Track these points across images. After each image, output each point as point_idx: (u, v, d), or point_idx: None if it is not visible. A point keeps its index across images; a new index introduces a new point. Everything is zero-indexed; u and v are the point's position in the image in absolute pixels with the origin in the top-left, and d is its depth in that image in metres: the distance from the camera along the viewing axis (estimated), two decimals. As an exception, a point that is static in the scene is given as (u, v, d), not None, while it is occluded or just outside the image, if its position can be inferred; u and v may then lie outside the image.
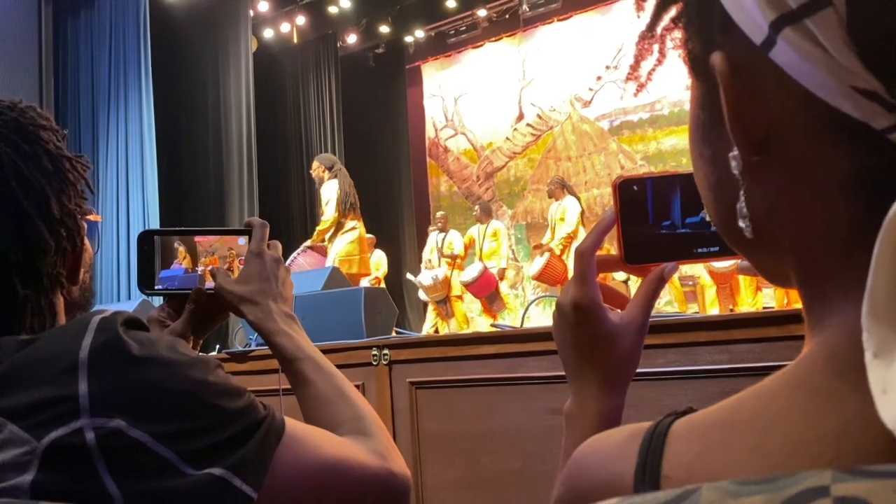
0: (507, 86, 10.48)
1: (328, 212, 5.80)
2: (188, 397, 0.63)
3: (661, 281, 0.59)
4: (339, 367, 0.92)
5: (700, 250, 0.57)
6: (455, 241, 8.43)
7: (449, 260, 8.23)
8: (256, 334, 3.34)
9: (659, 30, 0.40)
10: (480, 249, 8.15)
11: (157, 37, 7.56)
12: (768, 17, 0.32)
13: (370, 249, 8.12)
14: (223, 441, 0.64)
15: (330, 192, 5.83)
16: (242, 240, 0.96)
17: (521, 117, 10.43)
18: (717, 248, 0.56)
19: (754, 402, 0.34)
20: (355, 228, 5.83)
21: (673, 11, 0.40)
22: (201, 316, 0.94)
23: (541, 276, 7.50)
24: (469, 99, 10.88)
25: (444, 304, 8.12)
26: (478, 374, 2.20)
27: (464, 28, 10.62)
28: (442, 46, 10.96)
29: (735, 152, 0.36)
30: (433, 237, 8.52)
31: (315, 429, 0.75)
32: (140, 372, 0.62)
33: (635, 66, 0.42)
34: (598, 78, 9.74)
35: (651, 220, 0.57)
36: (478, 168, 10.83)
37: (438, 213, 8.71)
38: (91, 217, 0.81)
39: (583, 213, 7.63)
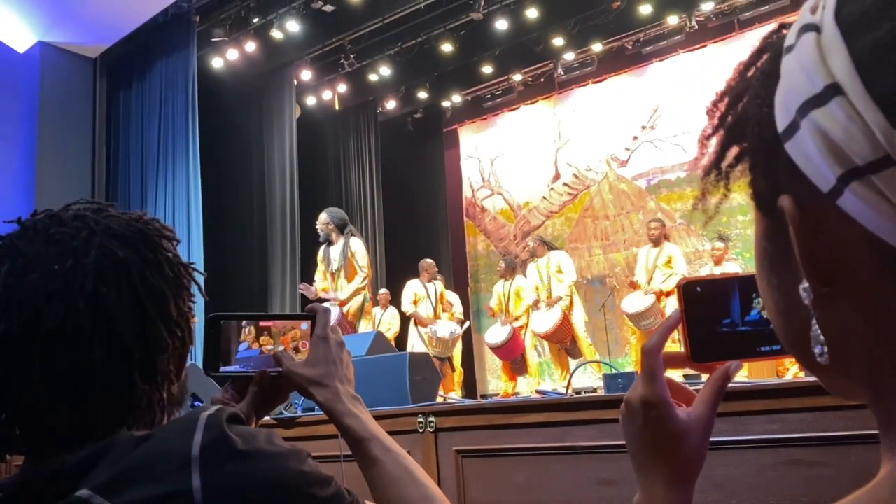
0: (543, 146, 10.60)
1: (364, 268, 5.81)
2: (287, 488, 0.69)
3: (727, 379, 0.62)
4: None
5: (763, 348, 0.59)
6: (448, 293, 8.08)
7: (451, 317, 7.87)
8: (301, 400, 3.33)
9: (723, 166, 0.44)
10: (506, 307, 7.87)
11: (204, 105, 7.85)
12: (835, 172, 0.35)
13: (384, 306, 8.09)
14: None
15: (359, 247, 5.85)
16: (305, 324, 1.00)
17: (557, 177, 10.50)
18: (779, 347, 0.58)
19: None
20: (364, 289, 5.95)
21: (735, 150, 0.43)
22: (263, 397, 0.98)
23: (552, 335, 7.25)
24: (505, 160, 11.01)
25: (445, 360, 7.67)
26: (525, 442, 2.18)
27: (500, 92, 10.82)
28: (478, 110, 11.17)
29: (805, 284, 0.39)
30: (415, 285, 7.95)
31: None
32: (245, 465, 0.67)
33: (702, 198, 0.45)
34: (635, 138, 9.81)
35: (715, 319, 0.60)
36: (515, 227, 10.88)
37: (427, 261, 8.15)
38: None
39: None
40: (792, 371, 5.90)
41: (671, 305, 6.97)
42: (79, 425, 0.71)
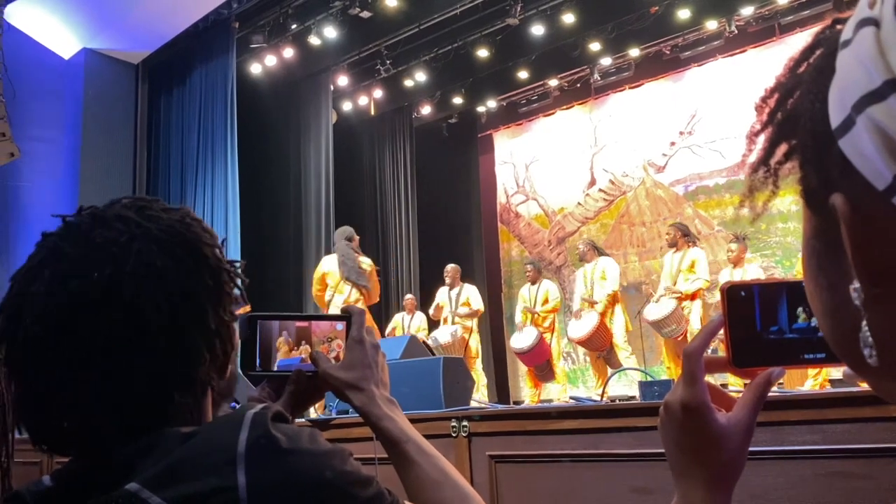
0: (579, 152, 10.53)
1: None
2: (329, 487, 0.69)
3: (769, 384, 0.61)
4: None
5: (807, 356, 0.58)
6: (472, 295, 7.93)
7: (463, 319, 7.77)
8: (336, 402, 3.35)
9: (772, 163, 0.43)
10: (532, 311, 7.78)
11: (243, 110, 7.97)
12: (892, 169, 0.34)
13: (411, 311, 8.15)
14: None
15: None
16: (340, 325, 1.01)
17: (592, 182, 10.43)
18: (823, 355, 0.57)
19: None
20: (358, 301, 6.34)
21: (785, 147, 0.42)
22: (299, 397, 0.99)
23: (588, 341, 7.13)
24: (540, 165, 10.97)
25: None
26: (559, 449, 2.17)
27: (535, 97, 10.79)
28: (513, 115, 11.15)
29: (856, 284, 0.38)
30: (442, 293, 8.00)
31: None
32: (289, 464, 0.68)
33: (749, 196, 0.44)
34: (672, 144, 9.70)
35: (759, 324, 0.59)
36: (549, 233, 10.83)
37: (449, 267, 8.11)
38: (241, 311, 0.87)
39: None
40: (808, 384, 5.76)
41: (695, 311, 6.85)
42: (119, 428, 0.71)
